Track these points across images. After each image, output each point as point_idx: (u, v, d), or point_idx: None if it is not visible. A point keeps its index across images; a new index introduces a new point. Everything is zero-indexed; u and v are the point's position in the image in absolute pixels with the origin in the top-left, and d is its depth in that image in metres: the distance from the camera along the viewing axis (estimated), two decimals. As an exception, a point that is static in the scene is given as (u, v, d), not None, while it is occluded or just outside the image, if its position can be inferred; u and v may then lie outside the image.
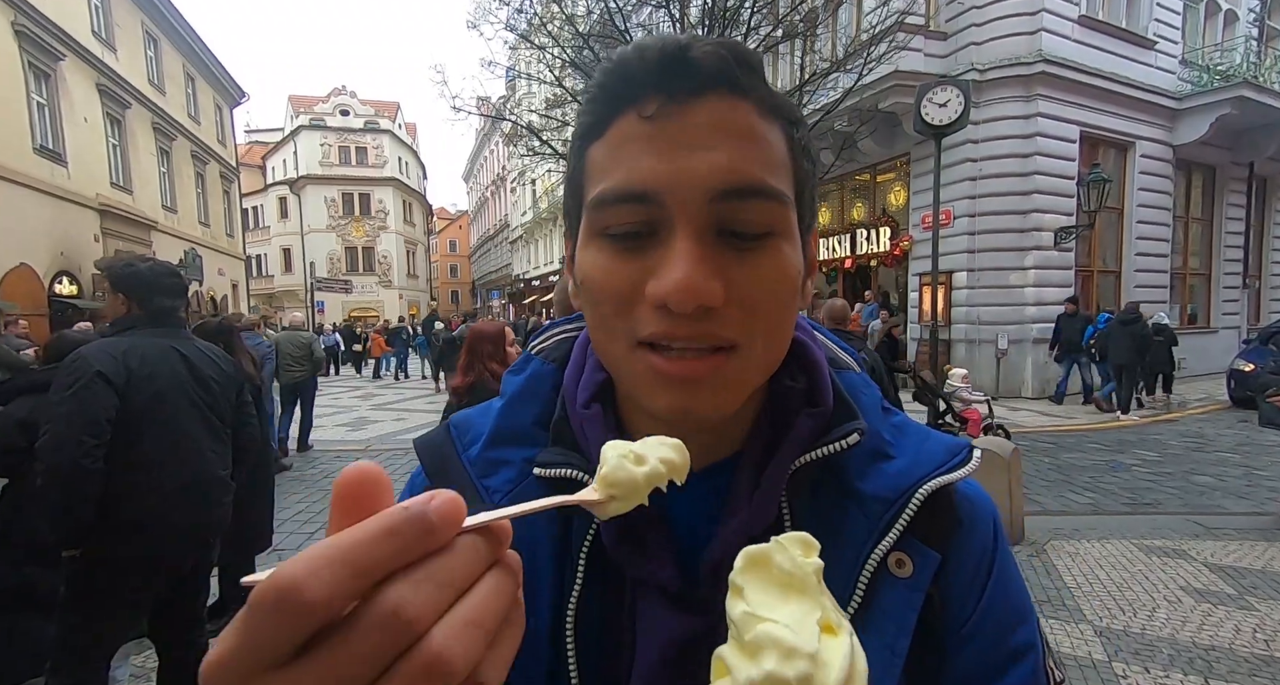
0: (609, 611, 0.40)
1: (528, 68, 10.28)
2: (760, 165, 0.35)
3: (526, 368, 0.48)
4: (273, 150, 36.06)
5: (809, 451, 0.40)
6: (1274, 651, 2.61)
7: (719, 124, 0.34)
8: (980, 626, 0.40)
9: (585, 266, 0.38)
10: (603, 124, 0.36)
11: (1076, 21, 9.43)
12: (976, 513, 0.42)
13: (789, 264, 0.37)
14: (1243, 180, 12.03)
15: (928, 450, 0.42)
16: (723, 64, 0.34)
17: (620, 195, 0.35)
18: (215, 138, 19.27)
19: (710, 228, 0.35)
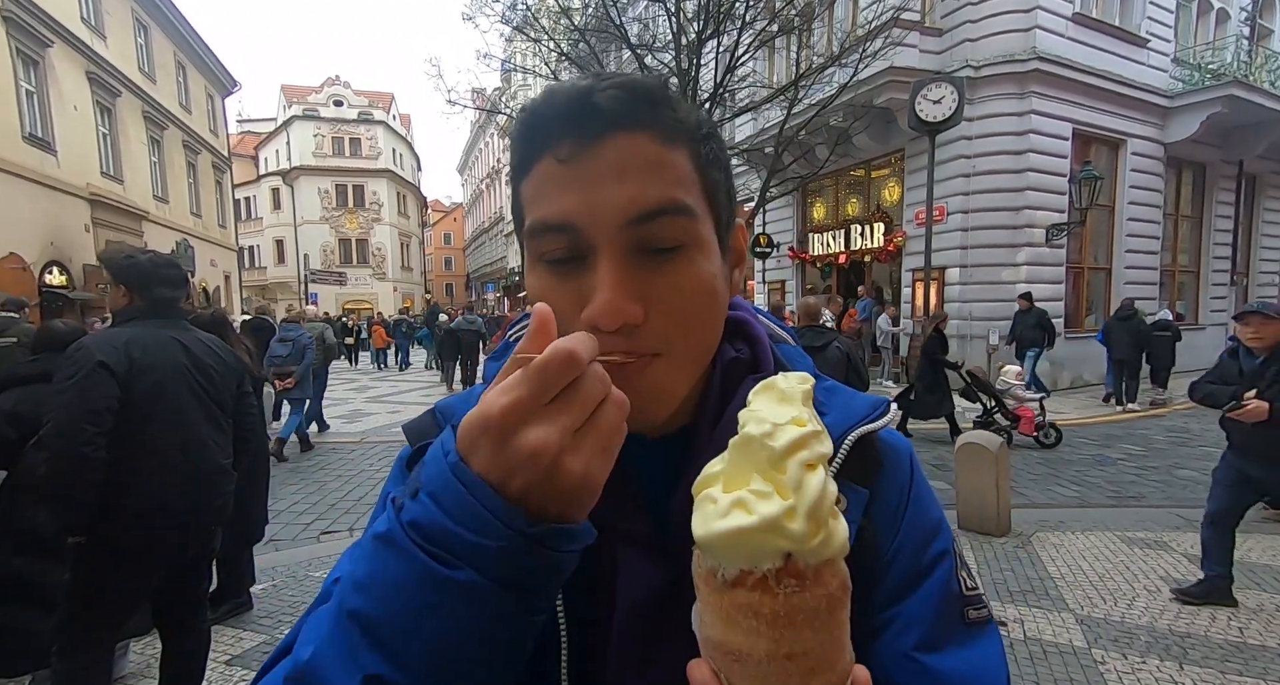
0: (591, 563, 0.44)
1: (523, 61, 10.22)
2: (665, 187, 0.40)
3: (506, 354, 0.52)
4: (265, 141, 35.70)
5: None
6: (1247, 638, 2.70)
7: (624, 159, 0.39)
8: (902, 547, 0.46)
9: (531, 288, 0.44)
10: (527, 165, 0.42)
11: (1070, 19, 9.47)
12: (896, 454, 0.49)
13: (702, 270, 0.42)
14: (1232, 178, 12.15)
15: (853, 406, 0.48)
16: (621, 105, 0.39)
17: (546, 227, 0.40)
18: (207, 127, 19.08)
19: (627, 249, 0.39)
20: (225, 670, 2.47)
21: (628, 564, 0.43)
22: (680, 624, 0.41)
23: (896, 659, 0.42)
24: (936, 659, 0.43)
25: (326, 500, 4.85)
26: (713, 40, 7.55)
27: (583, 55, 8.21)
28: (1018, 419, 6.29)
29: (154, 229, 14.71)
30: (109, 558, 1.72)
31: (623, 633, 0.42)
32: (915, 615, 0.44)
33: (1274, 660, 2.53)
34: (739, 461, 0.29)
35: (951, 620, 0.45)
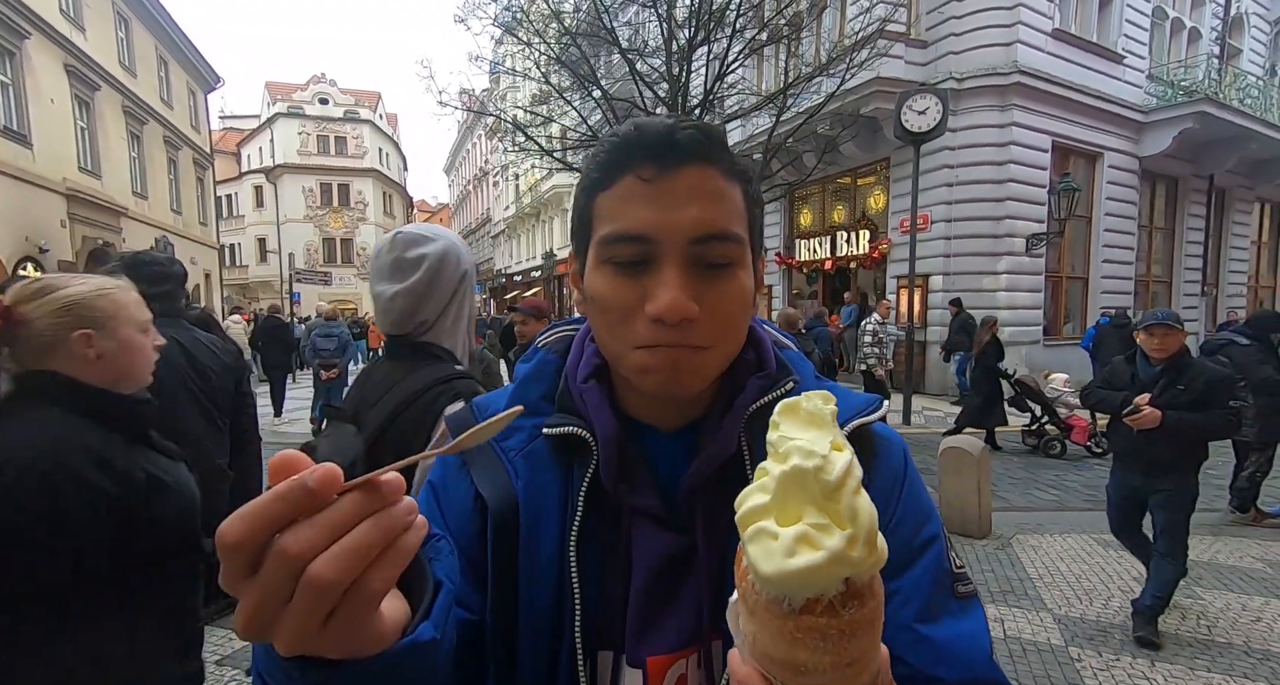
0: (607, 539, 0.51)
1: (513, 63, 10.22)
2: (724, 217, 0.48)
3: (535, 356, 0.61)
4: (248, 138, 35.18)
5: (757, 400, 0.53)
6: (1215, 636, 2.80)
7: (695, 187, 0.47)
8: (899, 525, 0.51)
9: (596, 286, 0.50)
10: (609, 180, 0.48)
11: (1050, 34, 9.72)
12: (889, 446, 0.55)
13: (744, 286, 0.50)
14: (1203, 192, 12.53)
15: (849, 402, 0.54)
16: (698, 143, 0.47)
17: (624, 236, 0.47)
18: (188, 123, 18.76)
19: (688, 261, 0.47)
20: (216, 670, 2.44)
21: (642, 536, 0.50)
22: (687, 588, 0.49)
23: (897, 630, 0.46)
24: (933, 628, 0.48)
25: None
26: (703, 47, 7.63)
27: (573, 58, 8.23)
28: (1069, 428, 6.12)
29: (133, 225, 14.42)
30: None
31: (639, 592, 0.48)
32: (912, 591, 0.49)
33: (1240, 657, 2.63)
34: (790, 493, 0.29)
35: (944, 594, 0.50)
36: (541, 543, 0.50)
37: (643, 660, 0.48)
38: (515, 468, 0.53)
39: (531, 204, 26.99)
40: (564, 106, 8.99)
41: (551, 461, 0.53)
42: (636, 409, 0.55)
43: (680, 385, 0.48)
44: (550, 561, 0.50)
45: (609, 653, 0.50)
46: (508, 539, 0.50)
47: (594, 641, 0.49)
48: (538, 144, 8.99)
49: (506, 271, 33.87)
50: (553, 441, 0.53)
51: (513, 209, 30.28)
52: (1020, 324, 9.69)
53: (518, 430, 0.54)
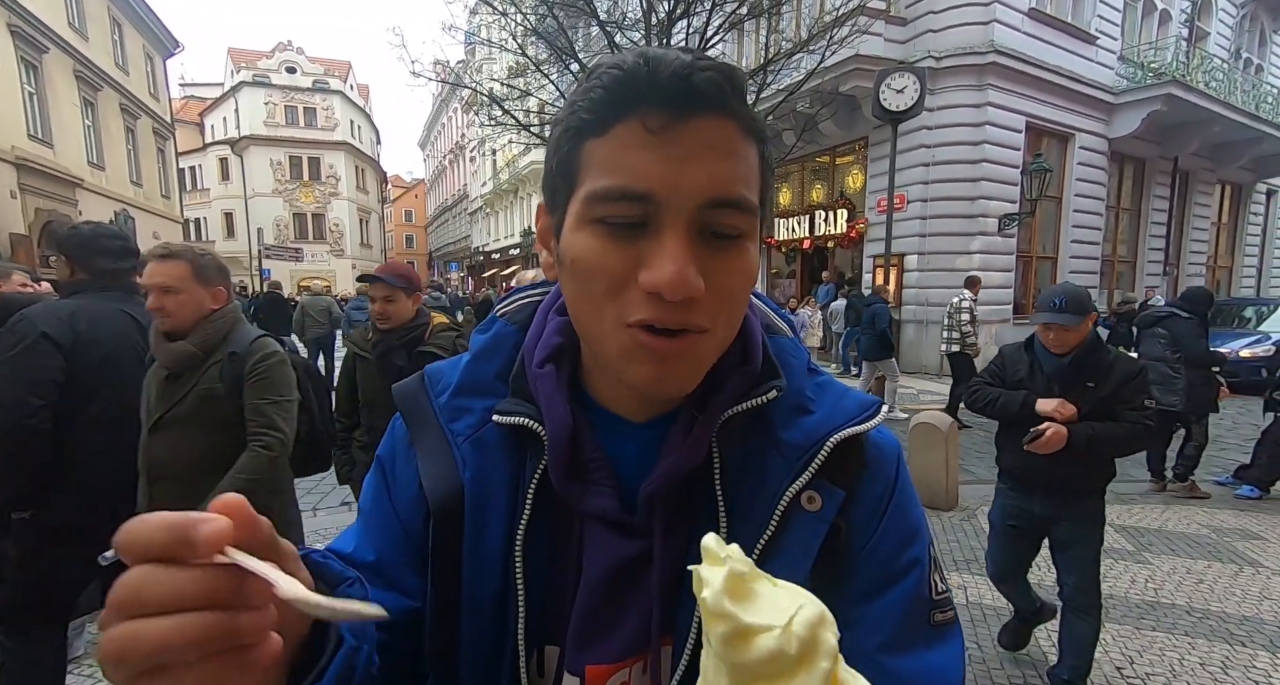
0: (557, 539, 0.47)
1: (488, 34, 9.92)
2: (739, 181, 0.40)
3: (491, 328, 0.55)
4: (211, 107, 33.74)
5: (735, 405, 0.46)
6: (1160, 598, 2.96)
7: (710, 141, 0.39)
8: (877, 547, 0.47)
9: (578, 248, 0.41)
10: (605, 124, 0.40)
11: (1026, 14, 9.75)
12: (882, 455, 0.49)
13: (752, 260, 0.43)
14: (1168, 174, 12.83)
15: (843, 406, 0.49)
16: (718, 90, 0.39)
17: (623, 193, 0.39)
18: (146, 90, 17.90)
19: (695, 228, 0.40)
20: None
21: (595, 538, 0.46)
22: (637, 595, 0.45)
23: (858, 658, 0.44)
24: (896, 661, 0.44)
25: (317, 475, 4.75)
26: (683, 20, 7.48)
27: (550, 30, 8.01)
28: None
29: (89, 198, 13.82)
30: (56, 534, 1.68)
31: (585, 599, 0.45)
32: (882, 618, 0.45)
33: (1182, 615, 2.79)
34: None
35: (917, 624, 0.46)
36: (487, 538, 0.47)
37: (582, 669, 0.45)
38: (463, 455, 0.48)
39: (510, 180, 26.52)
40: (541, 80, 8.77)
41: (502, 451, 0.48)
42: (605, 396, 0.49)
43: (673, 382, 0.42)
44: (495, 558, 0.46)
45: (556, 648, 0.47)
46: (451, 531, 0.47)
47: (540, 637, 0.47)
48: (515, 118, 8.79)
49: (484, 249, 33.37)
50: (504, 429, 0.48)
51: (490, 185, 29.71)
52: (992, 303, 9.89)
53: (467, 412, 0.50)
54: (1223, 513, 4.12)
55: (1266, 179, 15.64)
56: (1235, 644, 2.57)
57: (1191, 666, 2.42)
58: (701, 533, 0.43)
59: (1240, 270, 16.17)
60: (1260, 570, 3.25)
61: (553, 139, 0.44)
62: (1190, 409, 4.28)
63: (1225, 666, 2.42)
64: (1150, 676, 2.36)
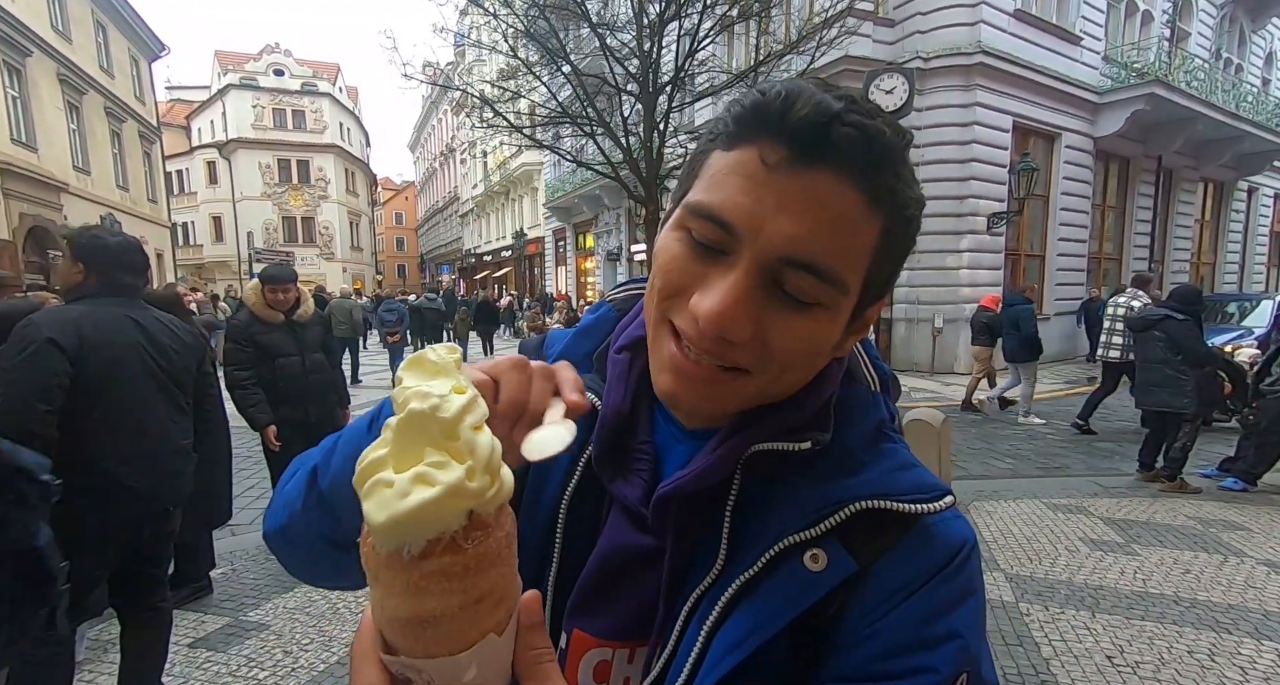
0: (592, 509, 0.50)
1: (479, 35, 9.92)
2: (833, 252, 0.38)
3: (599, 310, 0.59)
4: (198, 110, 33.45)
5: (766, 441, 0.45)
6: (1149, 588, 3.02)
7: (818, 201, 0.37)
8: (879, 633, 0.40)
9: (664, 243, 0.43)
10: (734, 140, 0.40)
11: (1013, 15, 9.88)
12: (934, 542, 0.43)
13: (822, 333, 0.41)
14: (1152, 172, 13.02)
15: (893, 478, 0.44)
16: (855, 152, 0.37)
17: (709, 214, 0.39)
18: (132, 93, 17.74)
19: (767, 276, 0.39)
20: (189, 652, 2.44)
21: (613, 520, 0.48)
22: (635, 586, 0.47)
23: None
24: None
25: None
26: (674, 22, 7.52)
27: (542, 32, 8.03)
28: None
29: (75, 202, 13.67)
30: (63, 537, 1.68)
31: (589, 570, 0.48)
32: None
33: (1170, 606, 2.85)
34: (407, 440, 0.28)
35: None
36: (544, 493, 0.51)
37: (570, 630, 0.48)
38: None
39: (501, 182, 26.45)
40: (533, 82, 8.78)
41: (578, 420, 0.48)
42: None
43: (690, 395, 0.42)
44: (546, 512, 0.50)
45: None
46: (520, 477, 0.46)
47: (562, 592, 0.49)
48: (506, 120, 8.79)
49: (475, 251, 33.27)
50: None
51: (481, 187, 29.63)
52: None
53: None
54: (1208, 504, 4.21)
55: (1247, 176, 15.90)
56: (1221, 632, 2.63)
57: (1179, 654, 2.48)
58: (706, 551, 0.45)
59: (1223, 267, 16.43)
60: (1245, 560, 3.33)
61: (700, 138, 0.45)
62: (1201, 409, 4.34)
63: (1211, 654, 2.48)
64: (1139, 665, 2.41)
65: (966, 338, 9.89)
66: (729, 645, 0.41)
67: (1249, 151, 13.83)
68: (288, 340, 3.18)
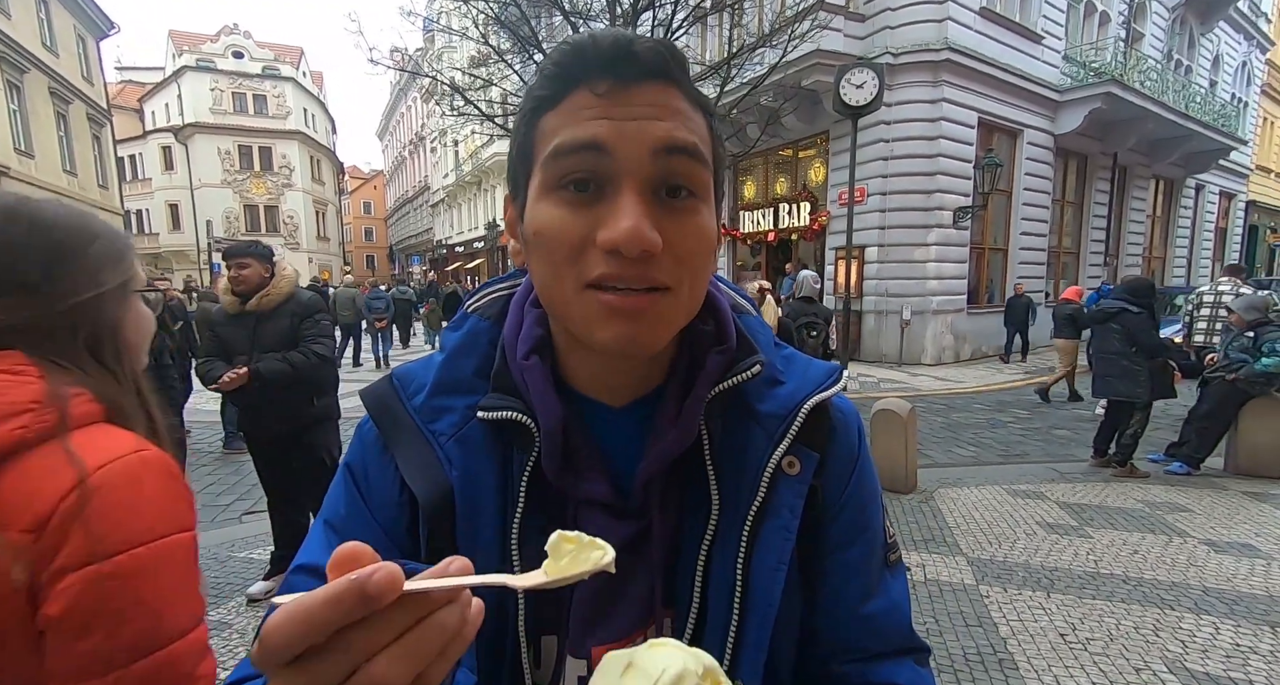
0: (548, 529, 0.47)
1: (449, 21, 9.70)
2: (689, 133, 0.42)
3: (464, 324, 0.54)
4: (152, 92, 31.95)
5: (720, 383, 0.48)
6: (1100, 569, 3.17)
7: (658, 103, 0.41)
8: (848, 502, 0.52)
9: (540, 219, 0.42)
10: (557, 97, 0.42)
11: (978, 13, 10.08)
12: (847, 420, 0.54)
13: (709, 224, 0.44)
14: (1108, 168, 13.51)
15: (809, 375, 0.52)
16: (660, 59, 0.41)
17: (576, 146, 0.40)
18: (79, 73, 16.85)
19: (650, 184, 0.41)
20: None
21: (590, 524, 0.46)
22: (635, 573, 0.47)
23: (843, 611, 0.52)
24: (869, 607, 0.52)
25: (247, 480, 4.62)
26: (648, 12, 7.48)
27: (513, 18, 7.89)
28: None
29: (17, 187, 12.93)
30: None
31: (585, 588, 0.45)
32: (856, 564, 0.52)
33: (1119, 585, 3.00)
34: None
35: (880, 567, 0.54)
36: (481, 534, 0.47)
37: (588, 651, 0.47)
38: (447, 454, 0.47)
39: (472, 172, 26.01)
40: (505, 70, 8.64)
41: (488, 447, 0.48)
42: (583, 383, 0.50)
43: (637, 341, 0.42)
44: (491, 552, 0.46)
45: (553, 637, 0.48)
46: (444, 530, 0.46)
47: (537, 629, 0.48)
48: (478, 108, 8.63)
49: (447, 242, 32.70)
50: (489, 425, 0.48)
51: (452, 177, 29.10)
52: (947, 293, 10.27)
53: (448, 411, 0.49)
54: (1156, 488, 4.42)
55: (1195, 174, 16.63)
56: (1165, 608, 2.78)
57: (1127, 630, 2.61)
58: (691, 507, 0.48)
59: (1173, 261, 17.18)
60: (1187, 540, 3.52)
61: (513, 131, 0.46)
62: (1154, 397, 4.55)
63: (1156, 629, 2.62)
64: (1090, 641, 2.54)
65: (933, 329, 10.20)
66: (770, 567, 0.47)
67: (1196, 150, 14.46)
68: (240, 335, 2.66)
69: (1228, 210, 19.88)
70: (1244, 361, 4.45)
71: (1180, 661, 2.40)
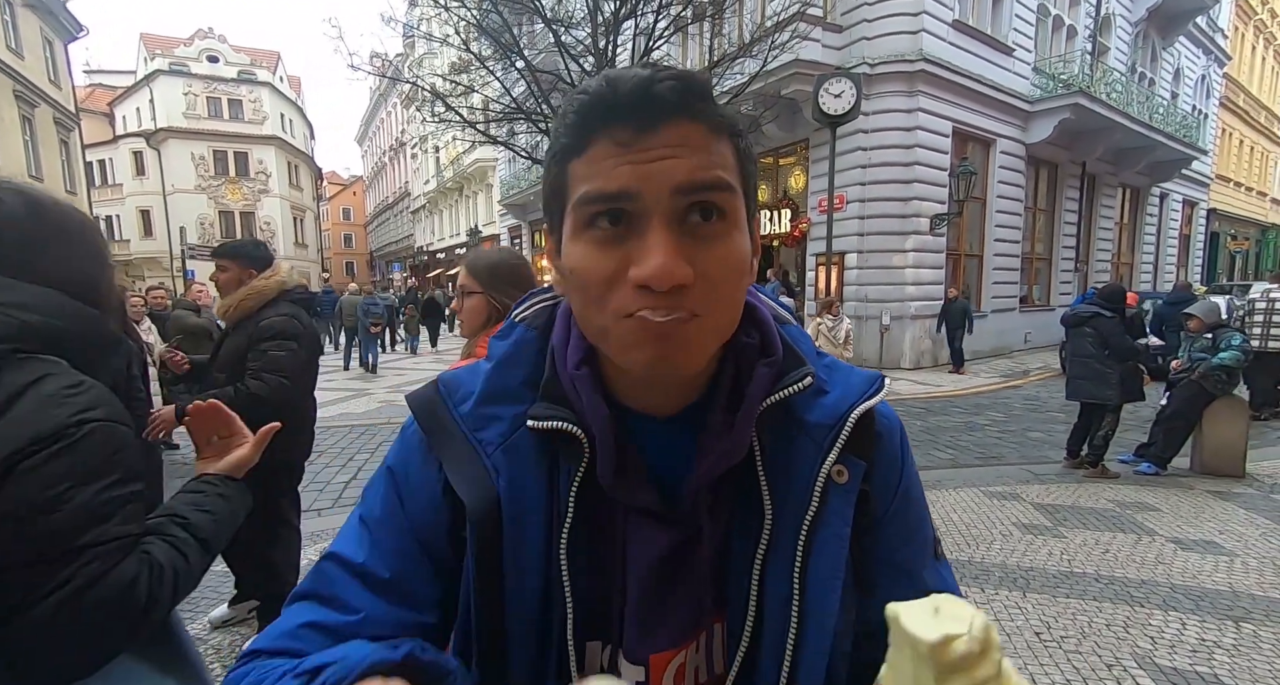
0: (595, 539, 0.48)
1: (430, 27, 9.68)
2: (713, 167, 0.43)
3: (512, 334, 0.54)
4: (123, 96, 31.25)
5: (771, 395, 0.49)
6: (1073, 568, 3.25)
7: (678, 142, 0.42)
8: (896, 509, 0.53)
9: (574, 258, 0.44)
10: (582, 145, 0.43)
11: (951, 25, 10.34)
12: (891, 427, 0.54)
13: (739, 247, 0.44)
14: (1077, 177, 13.91)
15: (853, 383, 0.52)
16: (679, 96, 0.41)
17: (600, 196, 0.42)
18: (45, 76, 16.45)
19: (675, 218, 0.42)
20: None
21: (640, 535, 0.47)
22: (686, 585, 0.48)
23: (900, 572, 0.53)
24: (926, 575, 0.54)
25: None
26: (629, 21, 7.55)
27: (495, 26, 7.90)
28: None
29: (-19, 195, 12.57)
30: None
31: (638, 592, 0.47)
32: (909, 567, 0.54)
33: (1091, 583, 3.08)
34: None
35: (933, 559, 0.56)
36: (527, 543, 0.47)
37: (645, 658, 0.47)
38: (494, 463, 0.48)
39: (454, 178, 25.87)
40: (486, 76, 8.64)
41: (536, 457, 0.48)
42: (627, 394, 0.49)
43: (671, 363, 0.43)
44: (537, 560, 0.47)
45: (598, 643, 0.49)
46: (491, 540, 0.47)
47: (584, 633, 0.48)
48: (459, 115, 8.62)
49: (428, 248, 32.42)
50: (537, 435, 0.48)
51: (433, 183, 28.90)
52: (925, 299, 10.46)
53: (496, 420, 0.49)
54: (1125, 488, 4.55)
55: (1159, 183, 17.18)
56: (1135, 605, 2.86)
57: (1099, 628, 2.68)
58: (742, 517, 0.50)
59: (1140, 267, 17.70)
60: (1155, 538, 3.62)
61: (545, 166, 0.47)
62: (1125, 399, 4.68)
63: (1127, 626, 2.69)
64: (1064, 639, 2.60)
65: (911, 334, 10.37)
66: (825, 576, 0.47)
67: (1160, 160, 14.95)
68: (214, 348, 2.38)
69: (1190, 218, 20.57)
70: (1204, 360, 4.64)
71: (1149, 657, 2.47)
